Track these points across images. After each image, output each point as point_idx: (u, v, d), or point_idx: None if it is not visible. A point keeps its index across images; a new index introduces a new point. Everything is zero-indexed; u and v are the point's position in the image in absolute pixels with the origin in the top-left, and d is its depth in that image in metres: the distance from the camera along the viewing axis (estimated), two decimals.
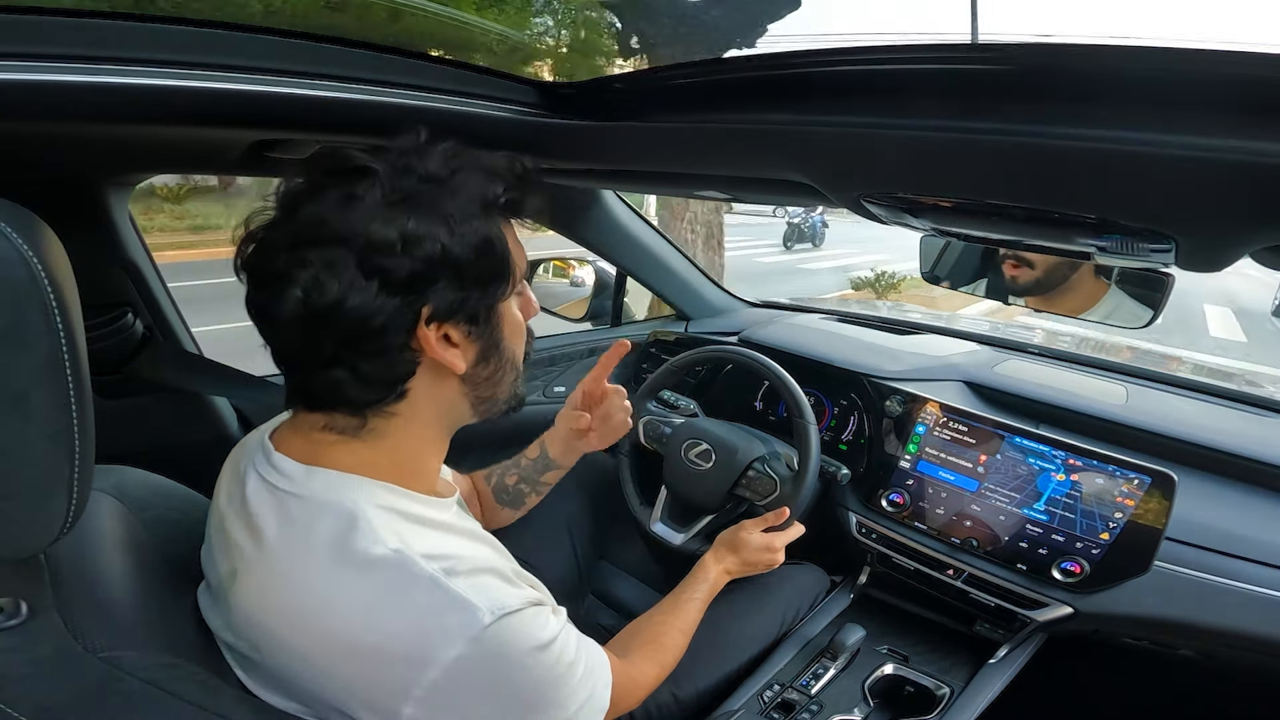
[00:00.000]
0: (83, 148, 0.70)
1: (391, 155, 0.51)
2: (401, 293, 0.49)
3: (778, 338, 1.43)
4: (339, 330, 0.49)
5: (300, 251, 0.48)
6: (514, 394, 0.61)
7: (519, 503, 0.98)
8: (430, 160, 0.52)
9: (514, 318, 0.59)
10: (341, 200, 0.49)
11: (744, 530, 0.96)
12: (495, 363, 0.57)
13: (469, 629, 0.47)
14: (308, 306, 0.48)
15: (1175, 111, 0.41)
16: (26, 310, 0.37)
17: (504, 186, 0.54)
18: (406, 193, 0.50)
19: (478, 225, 0.52)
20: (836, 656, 1.01)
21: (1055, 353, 1.42)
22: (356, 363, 0.50)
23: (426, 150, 0.52)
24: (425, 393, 0.54)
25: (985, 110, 0.48)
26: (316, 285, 0.47)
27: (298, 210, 0.50)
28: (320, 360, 0.50)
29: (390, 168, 0.50)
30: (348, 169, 0.50)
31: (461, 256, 0.51)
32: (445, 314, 0.52)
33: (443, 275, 0.50)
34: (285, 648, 0.50)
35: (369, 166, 0.49)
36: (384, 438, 0.54)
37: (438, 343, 0.52)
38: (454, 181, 0.52)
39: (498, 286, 0.55)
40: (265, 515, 0.52)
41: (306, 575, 0.49)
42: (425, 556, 0.49)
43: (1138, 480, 0.95)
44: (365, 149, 0.51)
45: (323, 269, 0.47)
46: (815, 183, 0.72)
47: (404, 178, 0.50)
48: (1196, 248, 0.59)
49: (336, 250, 0.48)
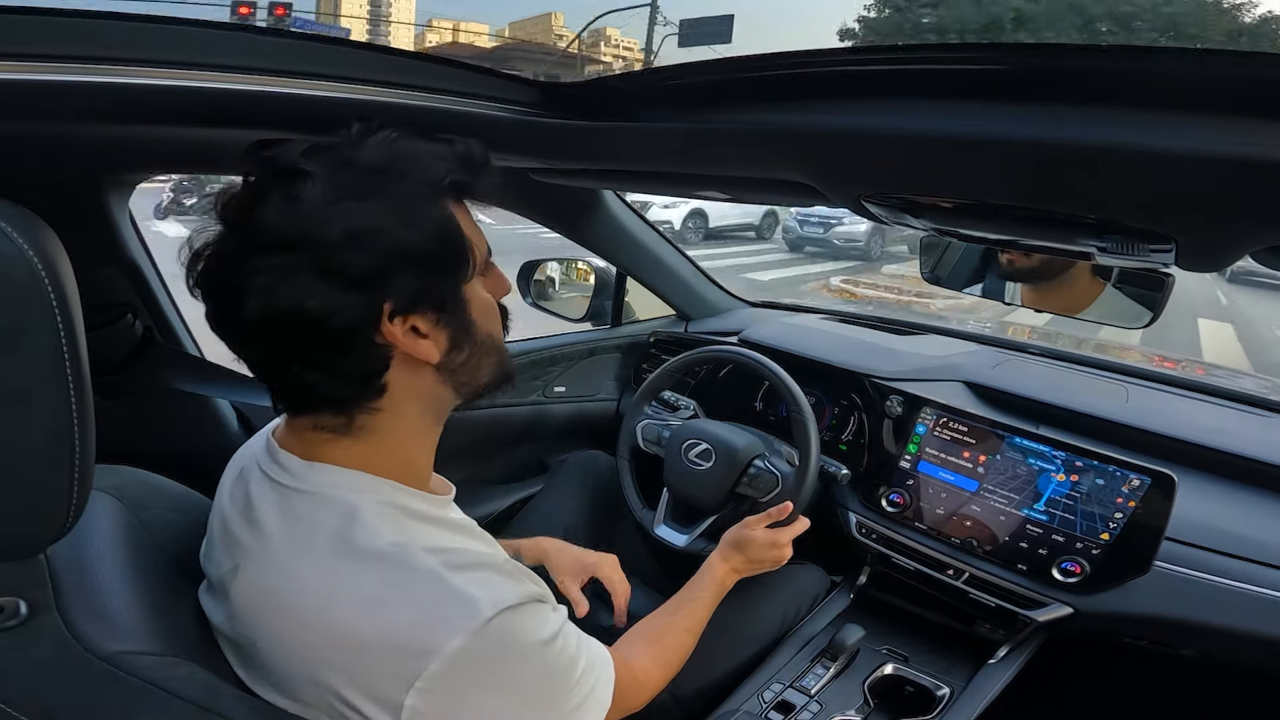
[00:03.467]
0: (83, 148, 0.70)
1: (329, 151, 0.50)
2: (359, 289, 0.48)
3: (777, 338, 1.43)
4: (303, 334, 0.48)
5: (251, 260, 0.47)
6: (499, 373, 0.60)
7: None
8: (368, 151, 0.50)
9: (482, 299, 0.57)
10: (284, 203, 0.47)
11: (748, 528, 0.96)
12: (469, 347, 0.56)
13: (470, 622, 0.47)
14: (267, 315, 0.47)
15: (1176, 111, 0.41)
16: (28, 310, 0.37)
17: (448, 168, 0.53)
18: (349, 187, 0.48)
19: (427, 210, 0.51)
20: (836, 656, 1.01)
21: (1055, 353, 1.42)
22: (327, 363, 0.50)
23: (364, 141, 0.51)
24: (404, 385, 0.54)
25: (985, 110, 0.48)
26: (272, 293, 0.47)
27: (242, 219, 0.49)
28: (290, 364, 0.50)
29: (328, 164, 0.49)
30: (285, 171, 0.49)
31: (415, 244, 0.50)
32: (408, 306, 0.50)
33: (398, 266, 0.49)
34: (286, 640, 0.50)
35: (305, 168, 0.48)
36: (374, 433, 0.54)
37: (405, 336, 0.51)
38: (395, 169, 0.50)
39: (457, 270, 0.54)
40: (268, 509, 0.53)
41: (308, 567, 0.50)
42: (426, 550, 0.50)
43: (1138, 480, 0.95)
44: (303, 146, 0.50)
45: (276, 276, 0.47)
46: (815, 183, 0.72)
47: (343, 172, 0.49)
48: (1197, 248, 0.59)
49: (287, 255, 0.47)
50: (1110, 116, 0.43)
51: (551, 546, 0.95)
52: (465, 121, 0.67)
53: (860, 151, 0.62)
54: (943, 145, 0.53)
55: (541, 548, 0.94)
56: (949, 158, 0.56)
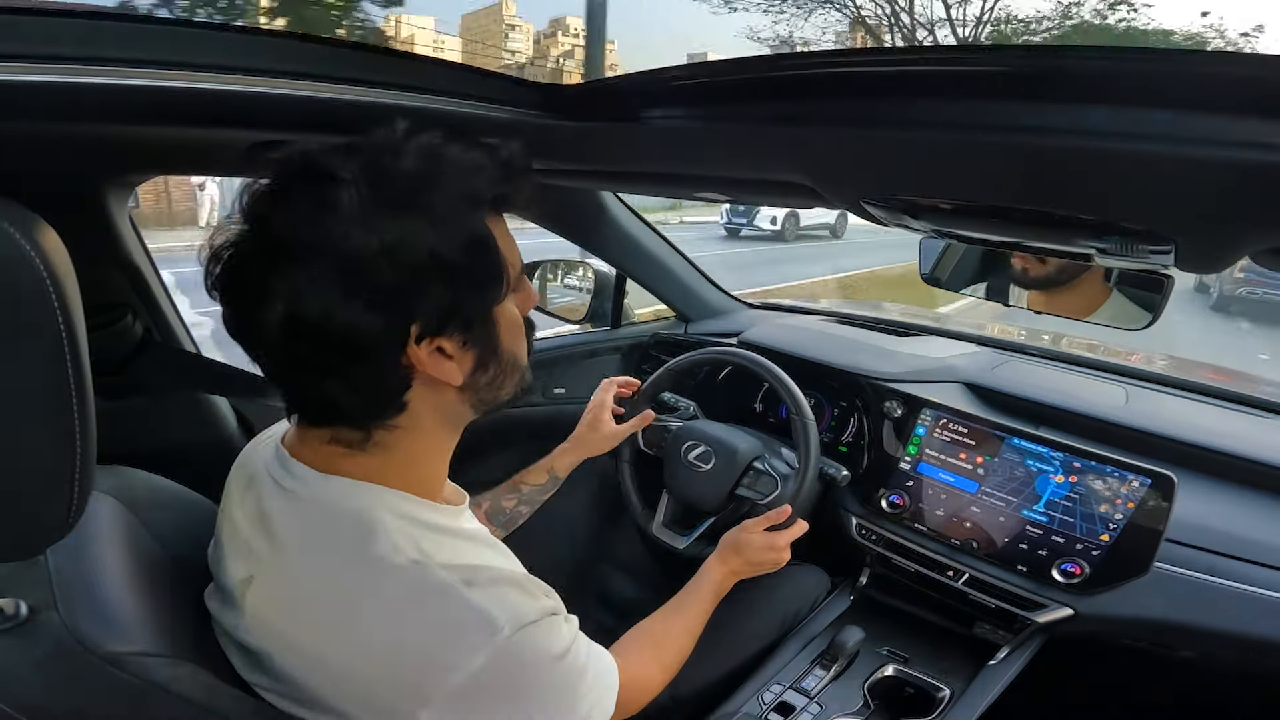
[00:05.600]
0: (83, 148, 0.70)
1: (365, 154, 0.47)
2: (388, 307, 0.46)
3: (777, 339, 1.43)
4: (325, 346, 0.46)
5: (276, 266, 0.45)
6: (519, 389, 0.59)
7: (514, 524, 0.99)
8: (407, 157, 0.48)
9: (511, 317, 0.56)
10: (314, 209, 0.45)
11: (747, 530, 0.96)
12: (494, 368, 0.54)
13: (489, 640, 0.47)
14: (289, 323, 0.45)
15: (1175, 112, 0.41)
16: (30, 310, 0.37)
17: (490, 179, 0.50)
18: (384, 195, 0.46)
19: (465, 223, 0.48)
20: (836, 658, 1.01)
21: (1055, 354, 1.42)
22: (348, 378, 0.48)
23: (403, 146, 0.48)
24: (425, 403, 0.53)
25: (985, 111, 0.48)
26: (297, 302, 0.45)
27: (267, 221, 0.46)
28: (310, 375, 0.48)
29: (364, 169, 0.46)
30: (318, 174, 0.46)
31: (450, 259, 0.47)
32: (436, 327, 0.48)
33: (431, 282, 0.47)
34: (302, 651, 0.49)
35: (342, 174, 0.46)
36: (391, 449, 0.53)
37: (430, 358, 0.49)
38: (435, 178, 0.48)
39: (491, 289, 0.51)
40: (283, 520, 0.52)
41: (326, 579, 0.49)
42: (444, 567, 0.49)
43: (1137, 482, 0.96)
44: (337, 148, 0.48)
45: (302, 284, 0.44)
46: (815, 184, 0.72)
47: (380, 178, 0.46)
48: (1197, 249, 0.59)
49: (315, 264, 0.44)
50: (1110, 117, 0.43)
51: (579, 435, 1.06)
52: (465, 123, 0.67)
53: (860, 153, 0.62)
54: (942, 146, 0.53)
55: (569, 448, 1.05)
56: (948, 159, 0.56)
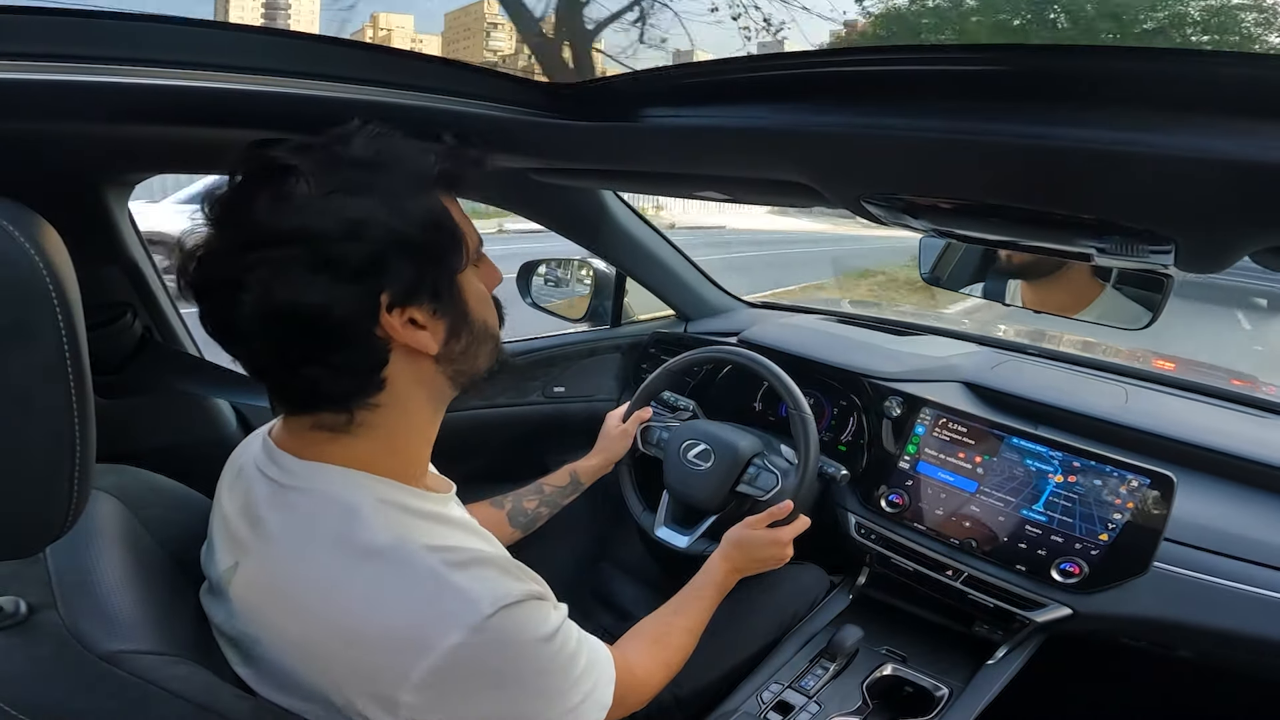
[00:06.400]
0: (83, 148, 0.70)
1: (317, 147, 0.51)
2: (356, 281, 0.48)
3: (777, 338, 1.43)
4: (302, 330, 0.48)
5: (244, 257, 0.47)
6: (495, 361, 0.61)
7: (534, 525, 1.02)
8: (355, 146, 0.51)
9: (477, 289, 0.58)
10: (273, 200, 0.48)
11: (749, 527, 0.96)
12: (467, 336, 0.57)
13: (469, 619, 0.47)
14: (264, 311, 0.47)
15: (1175, 112, 0.41)
16: (30, 309, 0.37)
17: (436, 160, 0.53)
18: (338, 181, 0.49)
19: (418, 201, 0.52)
20: (835, 657, 1.01)
21: (1054, 354, 1.42)
22: (327, 357, 0.50)
23: (351, 137, 0.52)
24: (404, 378, 0.54)
25: (986, 111, 0.48)
26: (267, 288, 0.47)
27: (232, 217, 0.49)
28: (289, 362, 0.50)
29: (316, 160, 0.50)
30: (273, 168, 0.49)
31: (408, 234, 0.50)
32: (405, 296, 0.51)
33: (394, 256, 0.50)
34: (286, 637, 0.50)
35: (293, 164, 0.49)
36: (375, 429, 0.54)
37: (404, 327, 0.52)
38: (383, 163, 0.51)
39: (452, 259, 0.54)
40: (268, 508, 0.53)
41: (308, 564, 0.50)
42: (426, 548, 0.50)
43: (1136, 481, 0.96)
44: (293, 144, 0.51)
45: (271, 271, 0.47)
46: (815, 183, 0.72)
47: (332, 167, 0.50)
48: (1197, 249, 0.59)
49: (280, 250, 0.47)
50: (1110, 117, 0.43)
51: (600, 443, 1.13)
52: (465, 122, 0.67)
53: (860, 152, 0.62)
54: (942, 146, 0.53)
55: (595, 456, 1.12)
56: (949, 158, 0.56)
